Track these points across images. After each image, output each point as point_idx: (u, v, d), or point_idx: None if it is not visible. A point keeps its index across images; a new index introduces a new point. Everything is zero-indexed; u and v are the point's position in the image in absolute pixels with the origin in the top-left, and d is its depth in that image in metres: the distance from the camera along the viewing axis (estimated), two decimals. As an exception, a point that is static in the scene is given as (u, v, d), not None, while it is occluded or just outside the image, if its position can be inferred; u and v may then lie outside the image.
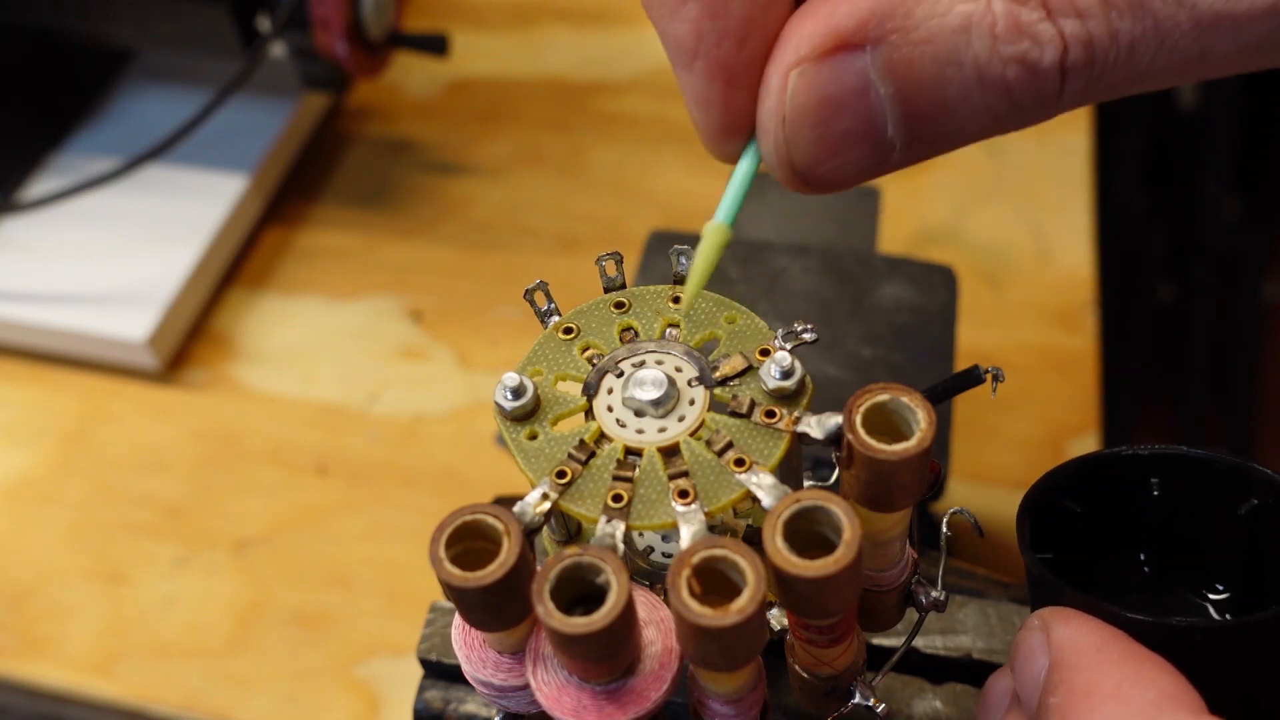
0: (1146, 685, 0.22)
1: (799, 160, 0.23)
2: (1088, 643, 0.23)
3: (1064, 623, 0.24)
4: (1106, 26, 0.21)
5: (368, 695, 0.51)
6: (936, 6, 0.21)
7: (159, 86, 0.72)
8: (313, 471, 0.58)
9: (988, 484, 0.55)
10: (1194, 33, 0.21)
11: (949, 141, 0.23)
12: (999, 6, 0.21)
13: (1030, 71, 0.21)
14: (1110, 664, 0.23)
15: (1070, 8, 0.21)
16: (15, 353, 0.64)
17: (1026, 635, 0.25)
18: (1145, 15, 0.21)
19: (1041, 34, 0.21)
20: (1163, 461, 0.27)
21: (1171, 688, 0.22)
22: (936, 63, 0.21)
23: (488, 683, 0.26)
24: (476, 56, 0.77)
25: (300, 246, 0.68)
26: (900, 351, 0.46)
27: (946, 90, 0.22)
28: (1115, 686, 0.22)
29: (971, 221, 0.66)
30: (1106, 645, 0.23)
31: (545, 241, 0.67)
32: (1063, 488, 0.28)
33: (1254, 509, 0.27)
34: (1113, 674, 0.22)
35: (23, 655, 0.53)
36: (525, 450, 0.25)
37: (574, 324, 0.27)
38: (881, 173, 0.24)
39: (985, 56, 0.21)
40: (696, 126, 0.25)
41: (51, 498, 0.58)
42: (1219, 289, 1.03)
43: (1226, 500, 0.27)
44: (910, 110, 0.22)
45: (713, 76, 0.24)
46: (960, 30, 0.21)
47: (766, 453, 0.25)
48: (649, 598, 0.25)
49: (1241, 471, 0.26)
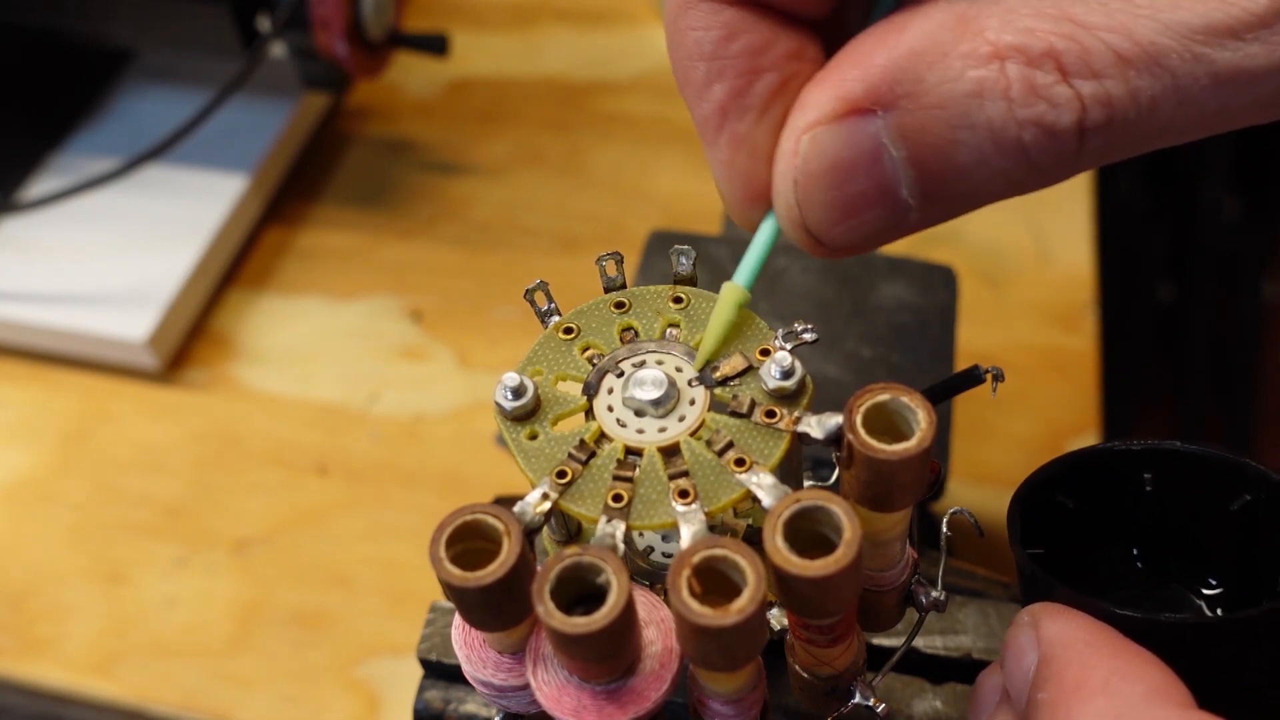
0: (1135, 679, 0.22)
1: (813, 222, 0.24)
2: (1077, 638, 0.24)
3: (1053, 619, 0.24)
4: (1125, 86, 0.21)
5: (368, 695, 0.51)
6: (948, 71, 0.21)
7: (159, 86, 0.72)
8: (313, 471, 0.58)
9: (988, 484, 0.55)
10: (1211, 89, 0.21)
11: (966, 202, 0.23)
12: (1013, 70, 0.21)
13: (1048, 134, 0.21)
14: (1099, 659, 0.23)
15: (1086, 69, 0.21)
16: (15, 353, 0.64)
17: (1016, 631, 0.25)
18: (1164, 73, 0.21)
19: (1058, 97, 0.21)
20: (1155, 456, 0.27)
21: (1160, 682, 0.22)
22: (950, 127, 0.22)
23: (488, 683, 0.26)
24: (476, 56, 0.77)
25: (300, 246, 0.68)
26: (900, 351, 0.46)
27: (960, 153, 0.22)
28: (1103, 681, 0.22)
29: (971, 221, 0.66)
30: (1095, 640, 0.23)
31: (545, 241, 0.67)
32: (1055, 482, 0.28)
33: (1247, 504, 0.27)
34: (1101, 669, 0.23)
35: (23, 655, 0.53)
36: (525, 450, 0.25)
37: (574, 324, 0.27)
38: (900, 234, 0.24)
39: (1000, 120, 0.21)
40: (723, 197, 0.26)
41: (51, 498, 0.58)
42: (1219, 289, 1.02)
43: (1220, 495, 0.27)
44: (924, 173, 0.22)
45: (736, 149, 0.25)
46: (972, 95, 0.21)
47: (766, 453, 0.25)
48: (649, 598, 0.25)
49: (1235, 467, 0.26)
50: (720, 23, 0.24)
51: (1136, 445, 0.27)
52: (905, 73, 0.22)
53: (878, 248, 0.24)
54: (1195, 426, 1.04)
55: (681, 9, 0.24)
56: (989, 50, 0.21)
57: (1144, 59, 0.21)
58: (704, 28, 0.24)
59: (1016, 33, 0.21)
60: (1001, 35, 0.21)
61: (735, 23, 0.24)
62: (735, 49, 0.24)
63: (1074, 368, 0.60)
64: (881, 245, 0.24)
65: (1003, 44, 0.21)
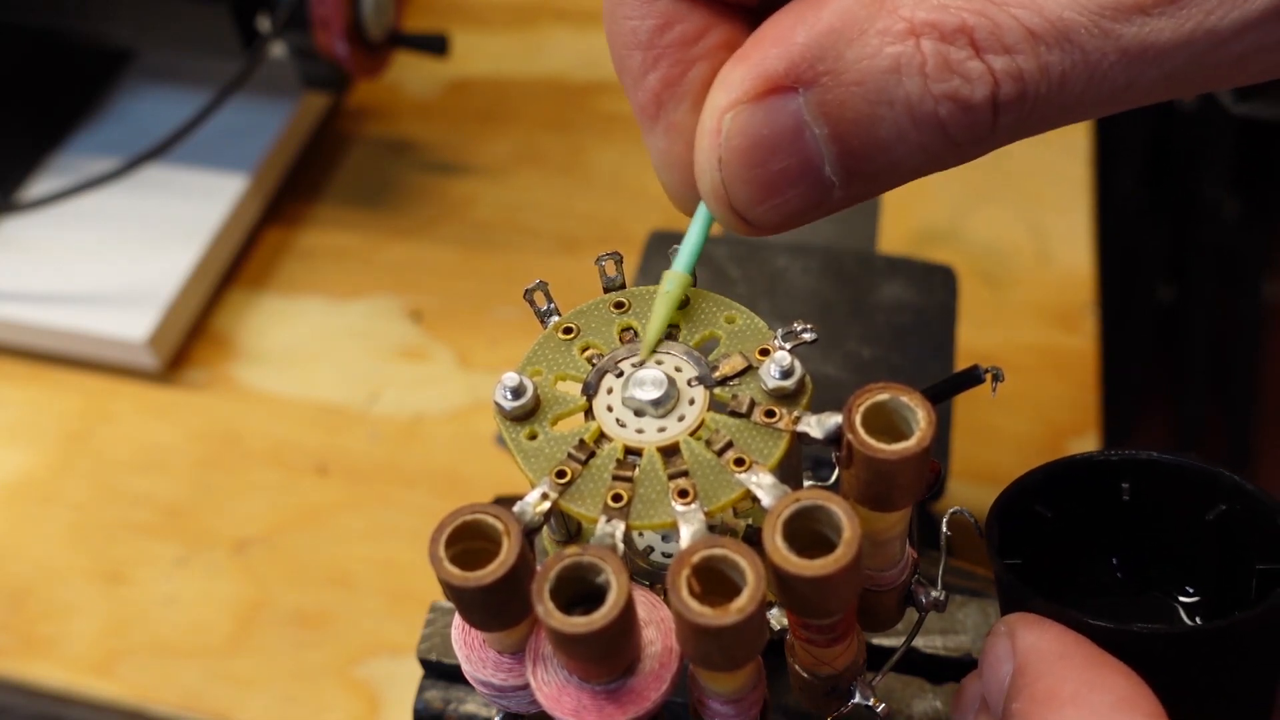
0: (1105, 690, 0.22)
1: (737, 200, 0.24)
2: (1050, 649, 0.24)
3: (1028, 629, 0.25)
4: (1036, 60, 0.21)
5: (368, 695, 0.51)
6: (866, 48, 0.22)
7: (159, 86, 0.72)
8: (313, 471, 0.58)
9: (988, 484, 0.55)
10: (1120, 64, 0.21)
11: (887, 178, 0.23)
12: (928, 46, 0.21)
13: (963, 108, 0.22)
14: (1070, 670, 0.23)
15: (999, 44, 0.21)
16: (15, 353, 0.64)
17: (993, 641, 0.26)
18: (1074, 48, 0.21)
19: (971, 71, 0.21)
20: (1133, 466, 0.28)
21: (1129, 692, 0.22)
22: (869, 103, 0.22)
23: (488, 683, 0.26)
24: (476, 56, 0.77)
25: (300, 246, 0.68)
26: (900, 351, 0.46)
27: (880, 129, 0.22)
28: (1074, 692, 0.23)
29: (971, 221, 0.66)
30: (1068, 651, 0.24)
31: (545, 241, 0.67)
32: (1034, 493, 0.28)
33: (1222, 514, 0.27)
34: (1072, 679, 0.23)
35: (23, 655, 0.53)
36: (525, 450, 0.25)
37: (574, 324, 0.27)
38: (823, 213, 0.24)
39: (917, 95, 0.22)
40: (662, 184, 0.26)
41: (51, 498, 0.58)
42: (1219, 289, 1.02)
43: (1196, 505, 0.27)
44: (846, 149, 0.23)
45: (672, 137, 0.25)
46: (890, 71, 0.22)
47: (766, 452, 0.25)
48: (649, 598, 0.25)
49: (1210, 477, 0.27)
50: (656, 11, 0.24)
51: (1114, 455, 0.27)
52: (825, 50, 0.22)
53: (802, 225, 0.25)
54: (1195, 426, 1.04)
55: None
56: (904, 26, 0.21)
57: (1053, 34, 0.21)
58: (639, 17, 0.24)
59: (930, 9, 0.21)
60: (916, 12, 0.21)
61: (670, 12, 0.24)
62: (669, 38, 0.24)
63: (1074, 368, 0.60)
64: (805, 223, 0.24)
65: (917, 20, 0.21)
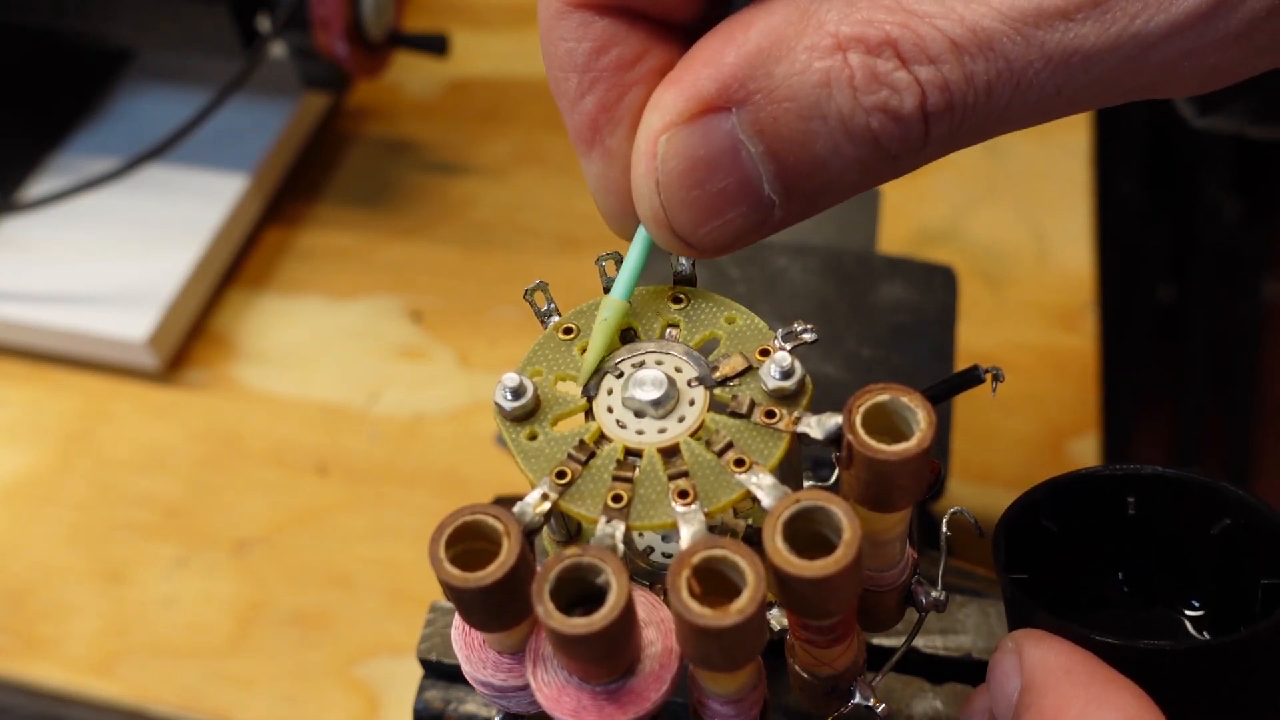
0: (1111, 708, 0.23)
1: (678, 224, 0.24)
2: (1057, 665, 0.24)
3: (1035, 645, 0.25)
4: (960, 70, 0.21)
5: (368, 695, 0.51)
6: (795, 65, 0.22)
7: (159, 86, 0.72)
8: (313, 471, 0.58)
9: (988, 484, 0.55)
10: (1046, 70, 0.21)
11: (826, 194, 0.23)
12: (855, 59, 0.21)
13: (894, 119, 0.22)
14: (1077, 687, 0.23)
15: (923, 55, 0.21)
16: (15, 353, 0.64)
17: (1000, 658, 0.26)
18: (997, 57, 0.21)
19: (898, 82, 0.21)
20: (1137, 481, 0.28)
21: (1136, 710, 0.23)
22: (802, 119, 0.22)
23: (488, 683, 0.26)
24: (476, 56, 0.77)
25: (300, 246, 0.68)
26: (900, 351, 0.46)
27: (815, 144, 0.22)
28: (1081, 709, 0.23)
29: (971, 221, 0.66)
30: (1075, 668, 0.24)
31: (545, 241, 0.67)
32: (1040, 507, 0.28)
33: (1227, 528, 0.27)
34: (1079, 697, 0.23)
35: (23, 655, 0.53)
36: (525, 450, 0.25)
37: (574, 324, 0.27)
38: (765, 232, 0.24)
39: (848, 109, 0.22)
40: (599, 208, 0.26)
41: (51, 498, 0.58)
42: (1219, 289, 1.02)
43: (1201, 519, 0.27)
44: (782, 167, 0.23)
45: (608, 162, 0.25)
46: (820, 85, 0.22)
47: (766, 453, 0.25)
48: (649, 598, 0.25)
49: (1214, 491, 0.27)
50: (592, 34, 0.24)
51: (1119, 470, 0.28)
52: (755, 68, 0.22)
53: (743, 246, 0.24)
54: (1195, 426, 1.04)
55: (554, 20, 0.24)
56: (831, 42, 0.22)
57: (976, 43, 0.21)
58: (576, 39, 0.24)
59: (855, 24, 0.21)
60: (841, 27, 0.22)
61: (607, 35, 0.24)
62: (606, 62, 0.24)
63: (1074, 368, 0.60)
64: (748, 244, 0.24)
65: (843, 35, 0.22)
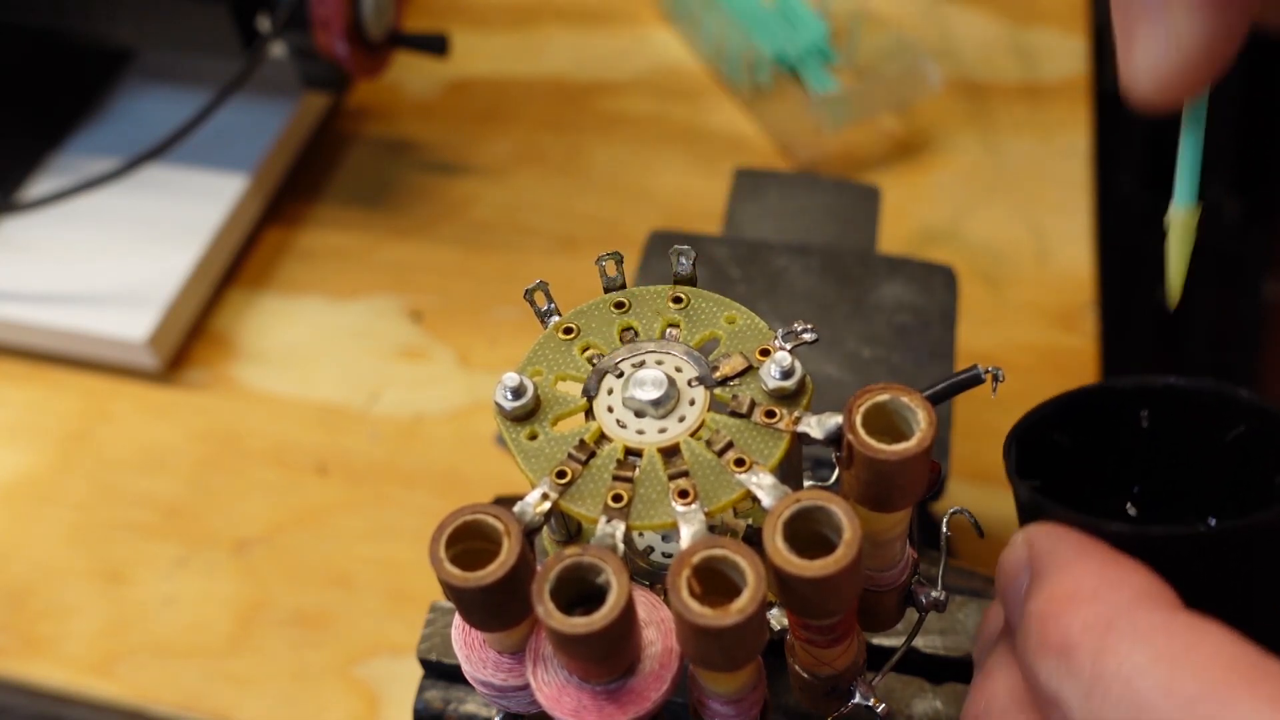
0: (1123, 586, 0.23)
1: None
2: (1068, 551, 0.24)
3: (1045, 536, 0.25)
4: None
5: (368, 695, 0.51)
6: None
7: (159, 86, 0.72)
8: (313, 471, 0.58)
9: (988, 484, 0.55)
10: None
11: None
12: None
13: None
14: (1089, 569, 0.23)
15: None
16: (15, 353, 0.64)
17: (1009, 553, 0.26)
18: None
19: None
20: (1150, 393, 0.27)
21: (1148, 586, 0.23)
22: None
23: (488, 683, 0.26)
24: (476, 56, 0.77)
25: (300, 246, 0.68)
26: (900, 351, 0.46)
27: None
28: (1094, 589, 0.23)
29: (971, 221, 0.66)
30: (1085, 552, 0.24)
31: (545, 241, 0.67)
32: (1051, 421, 0.28)
33: (1241, 435, 0.27)
34: (1090, 578, 0.23)
35: (23, 655, 0.53)
36: (525, 450, 0.25)
37: (574, 324, 0.27)
38: None
39: None
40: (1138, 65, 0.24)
41: (51, 498, 0.58)
42: (1219, 289, 1.02)
43: (1214, 429, 0.27)
44: None
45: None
46: None
47: (766, 453, 0.25)
48: (649, 598, 0.25)
49: (1227, 398, 0.27)
50: None
51: (1130, 383, 0.27)
52: None
53: None
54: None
55: None
56: None
57: None
58: None
59: None
60: None
61: None
62: None
63: (1074, 368, 0.60)
64: None
65: None
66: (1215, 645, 0.21)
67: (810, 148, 0.69)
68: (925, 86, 0.68)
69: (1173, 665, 0.21)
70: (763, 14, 0.72)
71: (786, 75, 0.71)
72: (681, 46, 0.77)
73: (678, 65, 0.76)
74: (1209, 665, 0.20)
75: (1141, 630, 0.21)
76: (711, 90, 0.74)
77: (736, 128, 0.71)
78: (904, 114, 0.70)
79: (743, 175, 0.56)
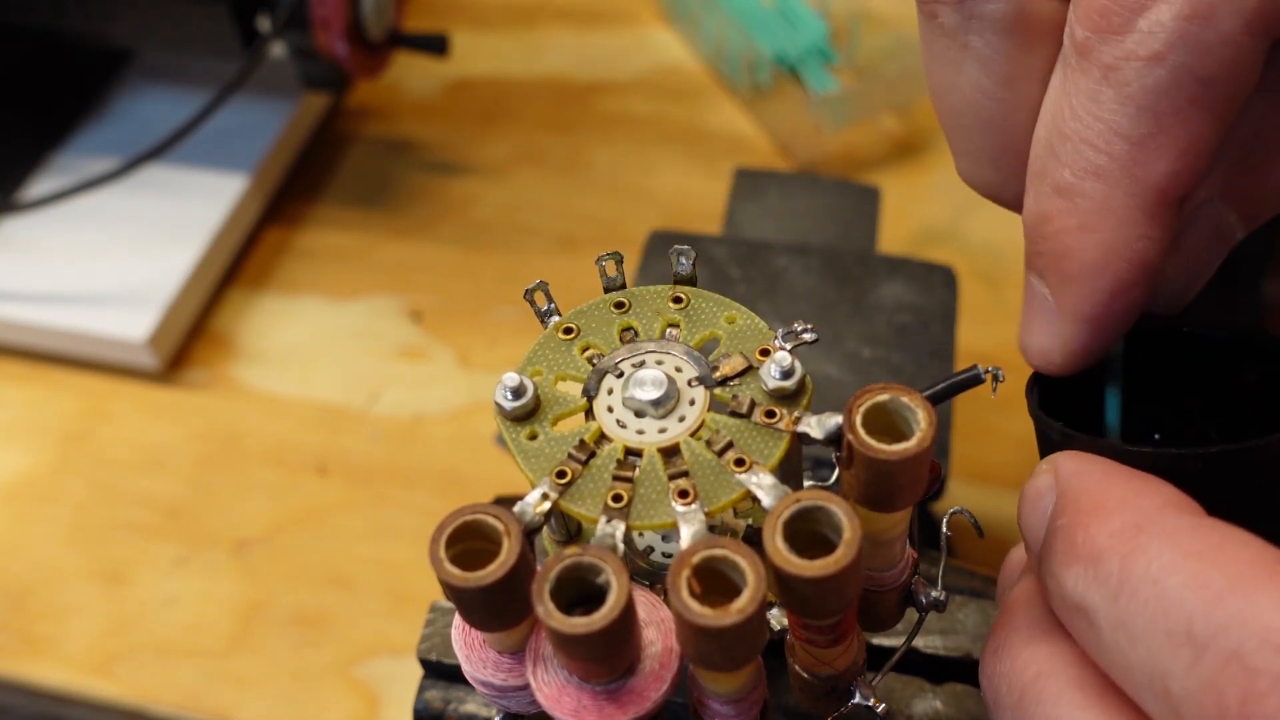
0: (1150, 495, 0.23)
1: None
2: (1093, 471, 0.24)
3: (1069, 459, 0.25)
4: None
5: (368, 695, 0.51)
6: None
7: (159, 86, 0.72)
8: (313, 471, 0.58)
9: (988, 484, 0.55)
10: None
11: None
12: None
13: None
14: (1114, 483, 0.24)
15: None
16: (15, 353, 0.64)
17: (1033, 481, 0.26)
18: None
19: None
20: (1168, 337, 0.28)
21: (1174, 496, 0.23)
22: None
23: (488, 683, 0.26)
24: (476, 56, 0.77)
25: (300, 246, 0.68)
26: (900, 351, 0.46)
27: None
28: (1120, 499, 0.23)
29: (971, 221, 0.66)
30: (1111, 472, 0.24)
31: (545, 241, 0.67)
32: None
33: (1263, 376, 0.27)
34: (1117, 490, 0.23)
35: (23, 655, 0.53)
36: (525, 450, 0.25)
37: (574, 324, 0.27)
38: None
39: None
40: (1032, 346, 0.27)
41: (51, 498, 0.58)
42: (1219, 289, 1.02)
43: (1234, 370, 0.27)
44: None
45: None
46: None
47: (766, 453, 0.25)
48: (649, 598, 0.25)
49: (1245, 339, 0.27)
50: None
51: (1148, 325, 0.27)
52: None
53: None
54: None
55: None
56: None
57: None
58: None
59: None
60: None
61: None
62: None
63: (1074, 368, 0.60)
64: None
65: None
66: (1241, 543, 0.21)
67: (810, 148, 0.69)
68: (925, 86, 0.68)
69: (1200, 561, 0.21)
70: (763, 14, 0.72)
71: (786, 75, 0.71)
72: (681, 46, 0.77)
73: (678, 65, 0.76)
74: (1235, 560, 0.21)
75: (1169, 531, 0.22)
76: (711, 90, 0.74)
77: (736, 128, 0.71)
78: (904, 114, 0.70)
79: (743, 175, 0.56)
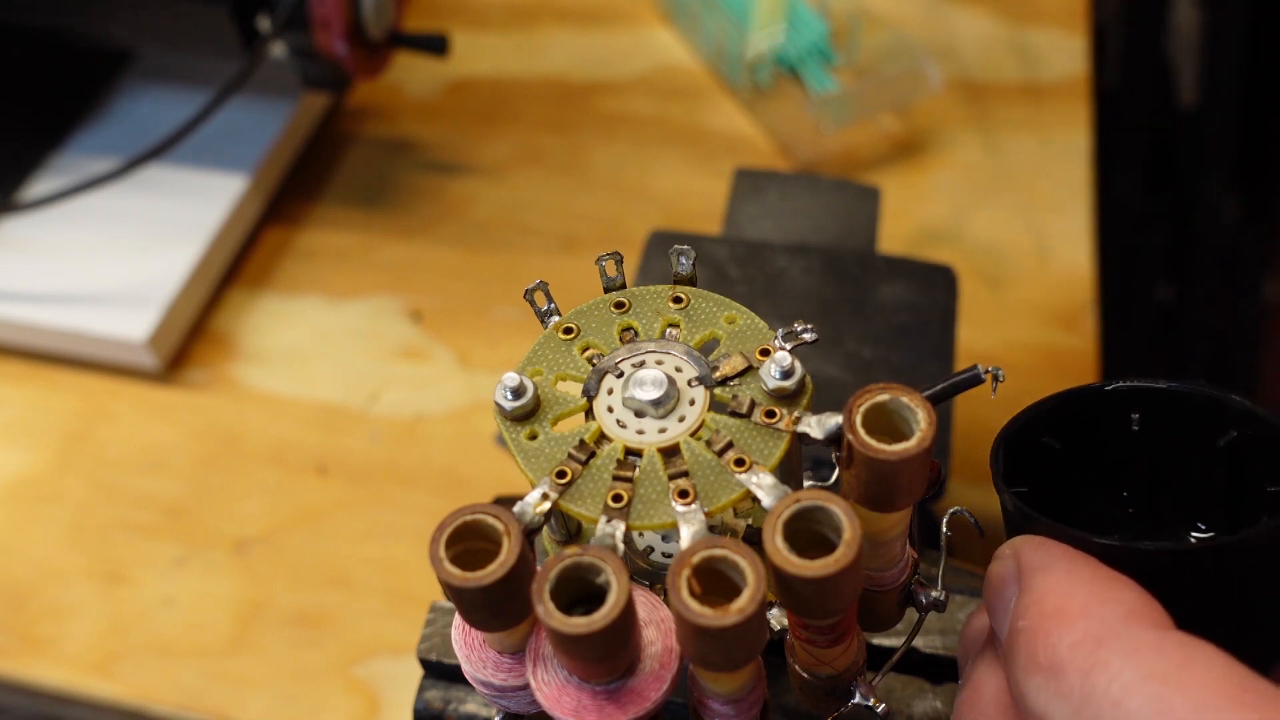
0: (1115, 603, 0.22)
1: None
2: (1056, 566, 0.24)
3: (1033, 549, 0.24)
4: None
5: (368, 695, 0.51)
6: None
7: (159, 86, 0.72)
8: (313, 471, 0.58)
9: (988, 484, 0.55)
10: None
11: None
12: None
13: None
14: (1077, 585, 0.23)
15: None
16: (15, 353, 0.64)
17: (997, 566, 0.25)
18: None
19: None
20: (1142, 396, 0.27)
21: (1138, 604, 0.22)
22: None
23: (488, 683, 0.26)
24: (476, 56, 0.77)
25: (300, 246, 0.68)
26: (900, 351, 0.46)
27: None
28: (1083, 606, 0.22)
29: (971, 221, 0.66)
30: (1074, 568, 0.23)
31: (545, 241, 0.67)
32: (1041, 423, 0.27)
33: (1233, 441, 0.26)
34: (1080, 594, 0.23)
35: (23, 655, 0.53)
36: (525, 450, 0.25)
37: (574, 324, 0.27)
38: None
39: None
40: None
41: (51, 498, 0.58)
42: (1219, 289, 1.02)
43: (1206, 434, 0.27)
44: None
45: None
46: None
47: (766, 453, 0.25)
48: (649, 598, 0.25)
49: (1219, 403, 0.26)
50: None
51: (1122, 385, 0.27)
52: None
53: None
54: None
55: None
56: None
57: None
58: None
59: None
60: None
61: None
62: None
63: (1074, 368, 0.60)
64: None
65: None
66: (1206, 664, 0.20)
67: (810, 148, 0.69)
68: (925, 86, 0.68)
69: (1163, 684, 0.20)
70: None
71: (786, 75, 0.71)
72: (681, 46, 0.77)
73: (678, 65, 0.76)
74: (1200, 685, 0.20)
75: (1131, 648, 0.21)
76: (711, 90, 0.74)
77: (736, 128, 0.71)
78: (904, 114, 0.70)
79: (743, 175, 0.56)
